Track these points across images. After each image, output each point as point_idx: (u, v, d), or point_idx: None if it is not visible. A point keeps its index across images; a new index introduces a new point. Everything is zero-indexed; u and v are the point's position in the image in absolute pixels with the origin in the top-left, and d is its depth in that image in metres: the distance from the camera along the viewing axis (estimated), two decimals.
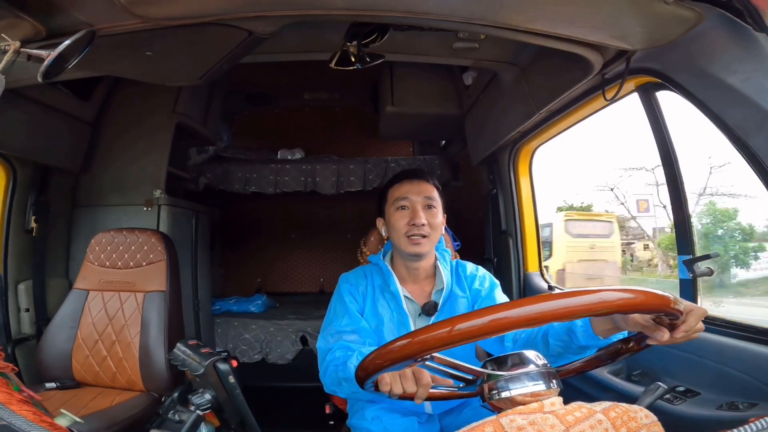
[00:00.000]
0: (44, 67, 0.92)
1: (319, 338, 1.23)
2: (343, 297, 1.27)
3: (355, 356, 1.07)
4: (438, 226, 1.25)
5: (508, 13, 1.08)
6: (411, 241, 1.22)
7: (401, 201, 1.24)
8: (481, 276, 1.33)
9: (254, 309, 3.44)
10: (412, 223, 1.21)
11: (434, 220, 1.24)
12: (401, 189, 1.26)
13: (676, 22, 1.06)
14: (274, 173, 3.28)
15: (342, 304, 1.26)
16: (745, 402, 1.06)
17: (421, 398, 0.83)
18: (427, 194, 1.25)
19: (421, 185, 1.25)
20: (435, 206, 1.25)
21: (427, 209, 1.24)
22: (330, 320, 1.25)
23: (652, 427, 0.58)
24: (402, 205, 1.24)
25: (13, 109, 1.87)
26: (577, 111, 1.68)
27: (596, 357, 0.84)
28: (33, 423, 0.60)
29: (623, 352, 0.82)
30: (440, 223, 1.26)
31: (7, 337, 2.08)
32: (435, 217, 1.24)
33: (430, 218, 1.23)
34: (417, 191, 1.24)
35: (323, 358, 1.15)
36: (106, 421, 1.55)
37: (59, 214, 2.40)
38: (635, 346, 0.80)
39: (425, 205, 1.24)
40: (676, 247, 1.39)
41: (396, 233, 1.24)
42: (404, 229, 1.22)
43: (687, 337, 0.74)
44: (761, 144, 0.98)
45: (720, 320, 1.25)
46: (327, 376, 1.12)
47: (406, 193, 1.24)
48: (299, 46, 1.64)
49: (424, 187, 1.25)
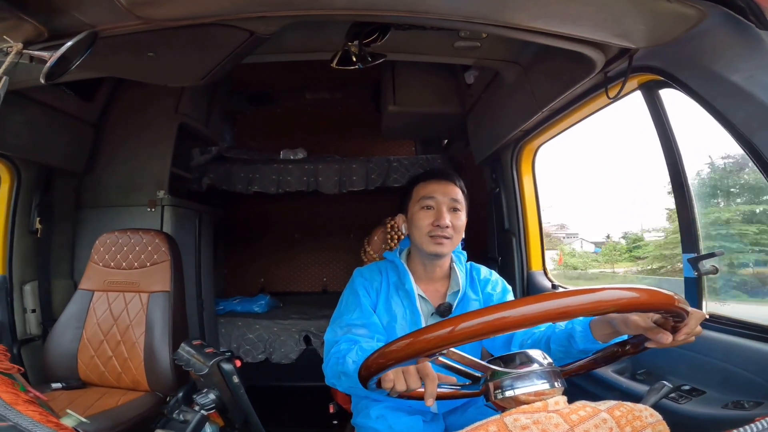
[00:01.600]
0: (47, 68, 0.93)
1: (327, 330, 1.22)
2: (357, 290, 1.27)
3: (354, 351, 1.06)
4: (461, 229, 1.25)
5: (509, 12, 1.08)
6: (433, 241, 1.22)
7: (427, 200, 1.24)
8: (494, 281, 1.34)
9: (258, 309, 3.45)
10: (437, 224, 1.21)
11: (458, 222, 1.24)
12: (427, 188, 1.25)
13: (679, 19, 1.06)
14: (277, 173, 3.29)
15: (355, 297, 1.25)
16: (751, 401, 1.06)
17: (431, 396, 0.80)
18: (453, 196, 1.24)
19: (447, 186, 1.25)
20: (460, 209, 1.25)
21: (452, 211, 1.24)
22: (341, 313, 1.24)
23: (657, 426, 0.58)
24: (427, 205, 1.24)
25: (17, 111, 1.88)
26: (579, 109, 1.67)
27: (593, 359, 0.84)
28: (39, 423, 0.60)
29: (619, 355, 0.82)
30: (463, 225, 1.26)
31: (13, 338, 2.09)
32: (459, 219, 1.25)
33: (454, 220, 1.23)
34: (443, 192, 1.24)
35: (329, 350, 1.15)
36: (112, 421, 1.56)
37: (63, 215, 2.42)
38: (631, 349, 0.80)
39: (451, 207, 1.24)
40: (681, 245, 1.38)
41: (418, 231, 1.24)
42: (427, 228, 1.22)
43: (686, 340, 0.74)
44: (766, 141, 0.97)
45: (725, 318, 1.24)
46: (328, 368, 1.12)
47: (432, 192, 1.24)
48: (301, 46, 1.64)
49: (450, 189, 1.25)
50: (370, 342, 1.13)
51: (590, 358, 0.84)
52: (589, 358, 0.84)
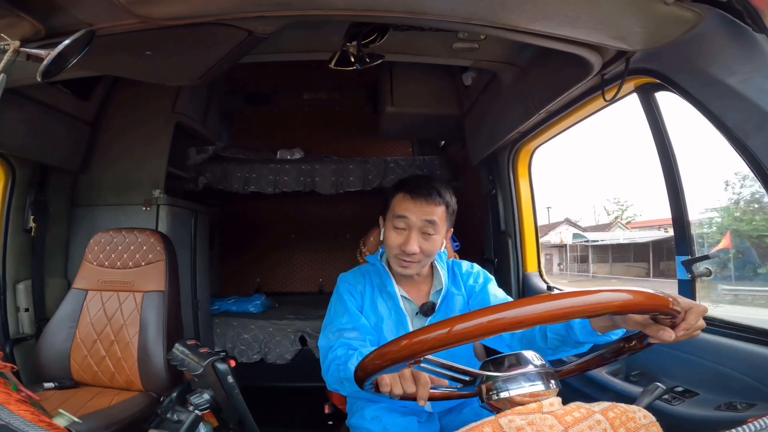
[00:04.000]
0: (44, 66, 0.92)
1: (320, 337, 1.23)
2: (342, 296, 1.28)
3: (355, 357, 1.07)
4: (432, 251, 1.20)
5: (507, 14, 1.08)
6: (399, 263, 1.21)
7: (399, 220, 1.19)
8: (475, 273, 1.34)
9: (253, 309, 3.44)
10: (403, 249, 1.17)
11: (428, 246, 1.19)
12: (403, 205, 1.19)
13: (676, 22, 1.06)
14: (274, 173, 3.28)
15: (342, 303, 1.27)
16: (743, 402, 1.06)
17: (423, 398, 0.82)
18: (428, 217, 1.17)
19: (424, 207, 1.17)
20: (432, 232, 1.18)
21: (424, 235, 1.18)
22: (330, 319, 1.26)
23: (650, 427, 0.58)
24: (399, 226, 1.19)
25: (12, 109, 1.86)
26: (576, 111, 1.68)
27: (598, 356, 0.84)
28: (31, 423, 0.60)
29: (625, 351, 0.82)
30: (436, 248, 1.21)
31: (6, 337, 2.07)
32: (430, 243, 1.19)
33: (424, 244, 1.18)
34: (419, 212, 1.17)
35: (325, 357, 1.15)
36: (105, 421, 1.55)
37: (58, 213, 2.40)
38: (637, 344, 0.80)
39: (422, 230, 1.18)
40: (675, 248, 1.39)
41: (388, 249, 1.23)
42: (396, 250, 1.20)
43: (688, 335, 0.74)
44: (760, 145, 0.98)
45: (718, 320, 1.25)
46: (329, 375, 1.12)
47: (406, 211, 1.17)
48: (299, 46, 1.64)
49: (427, 209, 1.17)
50: (366, 347, 1.14)
51: (590, 356, 0.84)
52: (588, 358, 0.84)
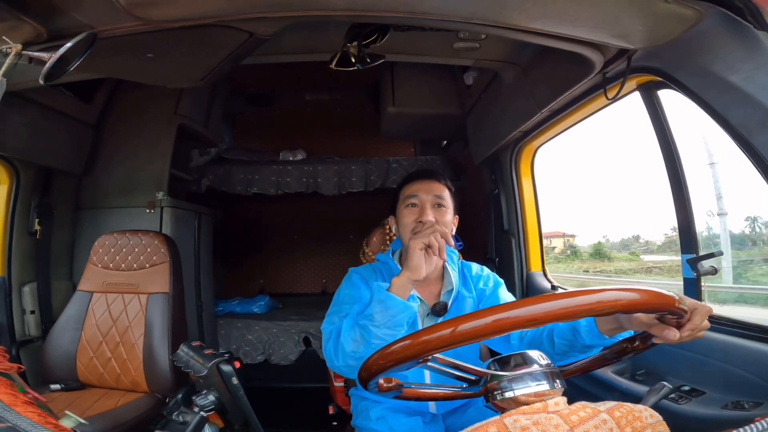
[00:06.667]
0: (46, 69, 0.93)
1: (324, 322, 1.18)
2: (355, 283, 1.26)
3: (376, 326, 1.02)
4: (446, 225, 1.24)
5: (508, 13, 1.08)
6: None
7: (411, 199, 1.25)
8: (485, 276, 1.34)
9: (257, 310, 3.45)
10: (420, 220, 1.21)
11: (443, 218, 1.24)
12: (412, 188, 1.27)
13: (677, 20, 1.06)
14: (276, 174, 3.28)
15: (355, 290, 1.24)
16: (750, 401, 1.06)
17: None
18: (437, 193, 1.25)
19: (431, 184, 1.26)
20: (444, 205, 1.25)
21: (436, 208, 1.24)
22: (339, 306, 1.20)
23: (657, 426, 0.58)
24: (412, 203, 1.25)
25: (16, 112, 1.88)
26: (578, 110, 1.68)
27: (601, 356, 0.83)
28: (38, 424, 0.60)
29: (628, 351, 0.82)
30: (449, 222, 1.25)
31: (12, 339, 2.08)
32: (443, 216, 1.24)
33: (438, 216, 1.23)
34: (427, 189, 1.25)
35: (329, 336, 1.11)
36: (111, 422, 1.56)
37: (62, 216, 2.41)
38: (640, 345, 0.79)
39: (434, 203, 1.24)
40: (680, 247, 1.38)
41: (404, 229, 1.25)
42: (412, 225, 1.22)
43: (693, 336, 0.74)
44: (764, 142, 0.97)
45: (725, 319, 1.24)
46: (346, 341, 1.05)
47: (416, 191, 1.26)
48: (300, 47, 1.64)
49: (434, 186, 1.26)
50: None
51: (594, 356, 0.84)
52: (592, 357, 0.84)
